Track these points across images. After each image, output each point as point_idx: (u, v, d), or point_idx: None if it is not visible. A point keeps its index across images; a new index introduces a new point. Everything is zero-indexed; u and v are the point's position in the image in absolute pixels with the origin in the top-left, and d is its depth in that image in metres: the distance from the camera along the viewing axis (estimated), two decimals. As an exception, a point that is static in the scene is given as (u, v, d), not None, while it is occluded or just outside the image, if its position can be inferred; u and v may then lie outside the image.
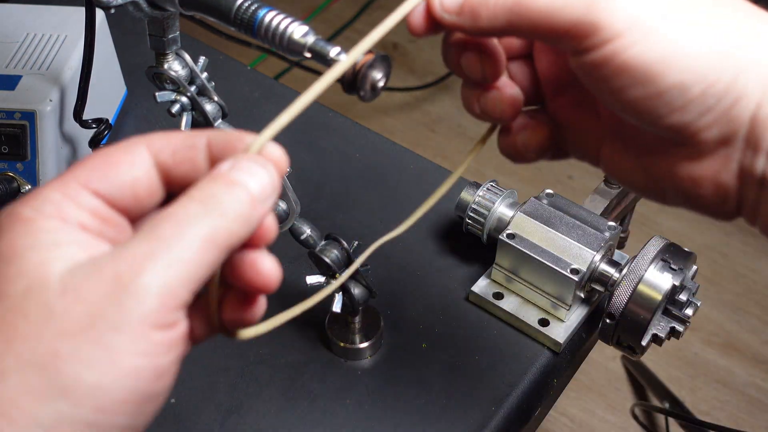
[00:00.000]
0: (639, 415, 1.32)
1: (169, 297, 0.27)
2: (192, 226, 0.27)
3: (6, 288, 0.27)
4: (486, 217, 0.59)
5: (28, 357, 0.26)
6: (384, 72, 0.38)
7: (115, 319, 0.26)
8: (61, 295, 0.27)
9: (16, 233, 0.28)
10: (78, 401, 0.26)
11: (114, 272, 0.27)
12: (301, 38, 0.39)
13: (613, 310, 0.53)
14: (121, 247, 0.27)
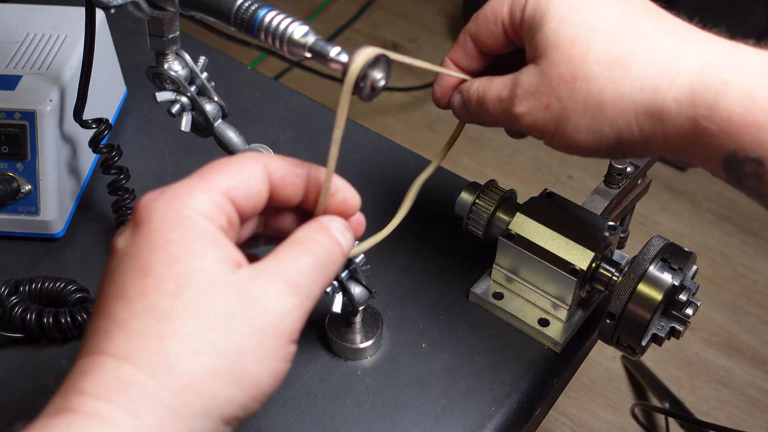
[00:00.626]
0: (639, 415, 1.32)
1: (303, 322, 0.35)
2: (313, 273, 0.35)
3: (171, 273, 0.32)
4: (486, 217, 0.59)
5: (219, 345, 0.31)
6: (384, 72, 0.38)
7: (279, 330, 0.33)
8: (237, 296, 0.32)
9: (178, 227, 0.33)
10: (244, 389, 0.32)
11: (283, 290, 0.34)
12: (301, 38, 0.39)
13: (613, 310, 0.53)
14: (277, 267, 0.34)
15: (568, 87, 0.40)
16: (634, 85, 0.38)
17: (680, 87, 0.37)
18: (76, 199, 0.67)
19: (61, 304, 0.59)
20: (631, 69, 0.39)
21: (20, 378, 0.56)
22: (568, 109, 0.41)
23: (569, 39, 0.41)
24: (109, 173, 0.62)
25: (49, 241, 0.65)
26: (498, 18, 0.45)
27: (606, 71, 0.39)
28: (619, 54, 0.39)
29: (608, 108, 0.39)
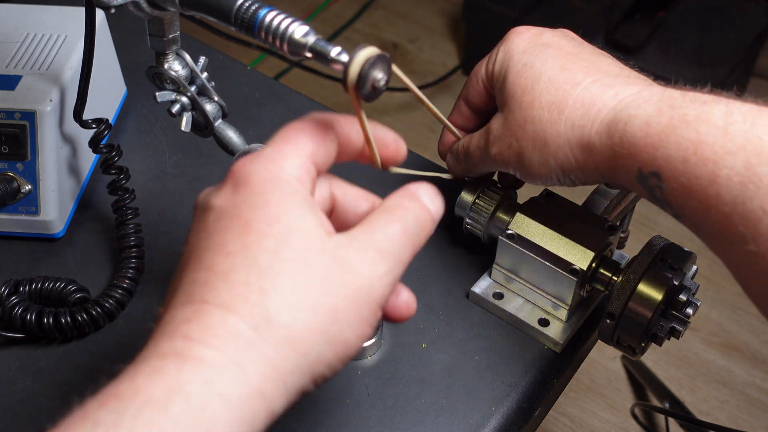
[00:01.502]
0: (639, 415, 1.32)
1: (392, 288, 0.36)
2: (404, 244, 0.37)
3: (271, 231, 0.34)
4: (486, 216, 0.59)
5: (316, 304, 0.33)
6: (385, 72, 0.38)
7: (370, 296, 0.35)
8: (332, 259, 0.34)
9: (276, 189, 0.35)
10: (335, 349, 0.34)
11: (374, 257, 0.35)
12: (301, 38, 0.39)
13: (613, 310, 0.53)
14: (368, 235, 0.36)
15: (522, 129, 0.49)
16: (566, 125, 0.47)
17: (600, 123, 0.45)
18: (76, 199, 0.67)
19: (61, 304, 0.59)
20: (564, 112, 0.47)
21: (20, 378, 0.56)
22: (523, 147, 0.49)
23: (521, 89, 0.50)
24: (109, 173, 0.62)
25: (49, 241, 0.65)
26: (479, 77, 0.55)
27: (546, 114, 0.48)
28: (556, 99, 0.48)
29: (550, 144, 0.48)
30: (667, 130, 0.41)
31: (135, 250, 0.62)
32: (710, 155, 0.39)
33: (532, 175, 0.50)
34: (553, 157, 0.48)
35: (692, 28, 1.71)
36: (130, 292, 0.60)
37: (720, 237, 0.39)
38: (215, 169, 0.71)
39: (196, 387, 0.30)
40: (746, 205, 0.37)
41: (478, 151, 0.54)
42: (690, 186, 0.40)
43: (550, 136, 0.47)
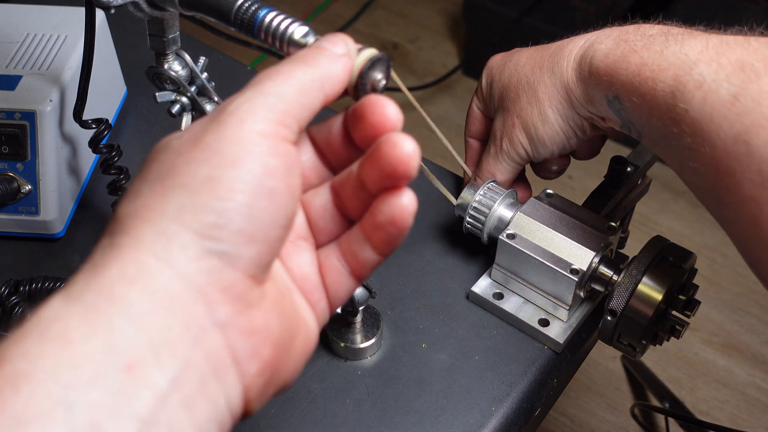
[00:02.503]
0: (639, 415, 1.32)
1: (273, 116, 0.34)
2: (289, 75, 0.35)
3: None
4: (486, 217, 0.59)
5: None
6: (384, 72, 0.38)
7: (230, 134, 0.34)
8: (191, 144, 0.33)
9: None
10: (195, 193, 0.31)
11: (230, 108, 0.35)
12: (301, 39, 0.39)
13: (615, 306, 0.53)
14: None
15: (518, 103, 0.57)
16: (548, 74, 0.55)
17: (573, 61, 0.54)
18: (76, 199, 0.67)
19: (61, 304, 0.59)
20: (543, 66, 0.56)
21: (20, 378, 0.56)
22: (524, 117, 0.57)
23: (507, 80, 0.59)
24: (109, 173, 0.62)
25: (49, 241, 0.65)
26: (473, 107, 0.64)
27: (531, 77, 0.56)
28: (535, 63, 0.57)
29: (541, 97, 0.55)
30: (620, 59, 0.49)
31: (135, 250, 0.61)
32: (649, 74, 0.46)
33: (540, 139, 0.57)
34: (549, 107, 0.55)
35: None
36: (130, 292, 0.60)
37: (665, 142, 0.46)
38: (215, 169, 0.71)
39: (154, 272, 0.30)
40: (676, 109, 0.44)
41: (490, 159, 0.61)
42: (639, 103, 0.47)
43: (540, 89, 0.55)
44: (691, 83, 0.43)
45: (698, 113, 0.42)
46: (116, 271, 0.30)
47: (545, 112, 0.56)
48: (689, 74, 0.44)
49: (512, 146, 0.58)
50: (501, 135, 0.59)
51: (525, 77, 0.57)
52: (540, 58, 0.56)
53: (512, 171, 0.61)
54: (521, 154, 0.59)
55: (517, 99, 0.57)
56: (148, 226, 0.31)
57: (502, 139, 0.59)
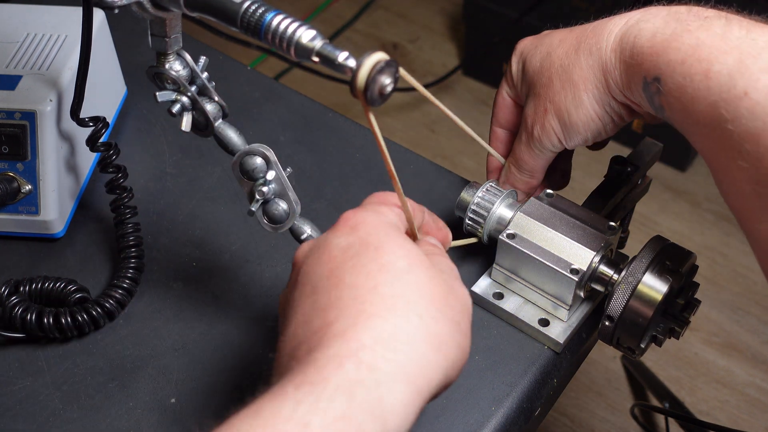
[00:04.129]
0: (639, 415, 1.32)
1: None
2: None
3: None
4: (486, 217, 0.59)
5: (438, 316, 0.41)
6: (392, 77, 0.38)
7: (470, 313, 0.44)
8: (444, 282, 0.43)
9: (389, 229, 0.43)
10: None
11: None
12: (309, 42, 0.39)
13: (612, 312, 0.53)
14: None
15: (550, 88, 0.55)
16: (584, 55, 0.52)
17: (613, 41, 0.51)
18: (76, 199, 0.67)
19: (61, 304, 0.59)
20: (580, 47, 0.53)
21: (20, 378, 0.56)
22: (557, 102, 0.54)
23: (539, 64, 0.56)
24: (107, 172, 0.62)
25: (49, 241, 0.65)
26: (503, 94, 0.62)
27: (566, 60, 0.54)
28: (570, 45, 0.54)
29: (576, 80, 0.53)
30: (670, 39, 0.46)
31: (134, 249, 0.62)
32: (706, 55, 0.44)
33: (573, 125, 0.54)
34: (584, 92, 0.53)
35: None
36: (130, 292, 0.60)
37: (703, 126, 0.45)
38: (215, 169, 0.71)
39: (372, 382, 0.36)
40: (731, 91, 0.42)
41: (522, 147, 0.58)
42: (684, 83, 0.45)
43: (575, 73, 0.53)
44: (756, 67, 0.42)
45: (763, 96, 0.41)
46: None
47: (580, 96, 0.53)
48: (755, 59, 0.42)
49: (544, 133, 0.56)
50: (532, 122, 0.56)
51: (558, 60, 0.54)
52: (575, 39, 0.54)
53: (545, 159, 0.59)
54: (553, 141, 0.56)
55: (550, 83, 0.54)
56: None
57: (533, 126, 0.56)
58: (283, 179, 0.50)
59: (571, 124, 0.54)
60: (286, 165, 0.51)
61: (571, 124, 0.54)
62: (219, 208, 0.68)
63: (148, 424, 0.54)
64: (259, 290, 0.62)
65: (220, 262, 0.64)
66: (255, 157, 0.50)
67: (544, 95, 0.55)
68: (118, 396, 0.55)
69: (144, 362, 0.57)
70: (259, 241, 0.65)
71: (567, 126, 0.55)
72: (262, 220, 0.51)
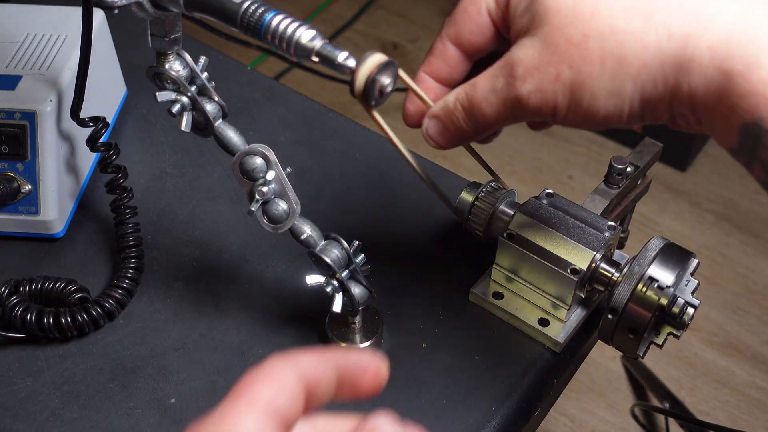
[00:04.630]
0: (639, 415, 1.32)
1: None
2: None
3: None
4: (486, 217, 0.59)
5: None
6: (392, 77, 0.38)
7: None
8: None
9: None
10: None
11: None
12: (308, 42, 0.39)
13: (615, 305, 0.53)
14: None
15: (580, 49, 0.36)
16: (660, 33, 0.34)
17: (716, 34, 0.33)
18: (76, 199, 0.67)
19: (61, 304, 0.59)
20: (653, 17, 0.35)
21: (20, 378, 0.56)
22: (583, 74, 0.36)
23: (569, 12, 0.37)
24: (107, 172, 0.62)
25: (49, 241, 0.65)
26: (481, 8, 0.41)
27: (623, 23, 0.35)
28: (636, 2, 0.35)
29: (631, 63, 0.35)
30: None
31: (134, 249, 0.62)
32: None
33: (591, 113, 0.38)
34: (633, 80, 0.36)
35: None
36: (130, 292, 0.60)
37: None
38: (215, 169, 0.71)
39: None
40: None
41: (494, 97, 0.40)
42: None
43: (632, 51, 0.35)
44: None
45: None
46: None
47: (623, 88, 0.36)
48: None
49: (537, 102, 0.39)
50: (525, 75, 0.38)
51: (609, 17, 0.36)
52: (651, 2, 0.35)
53: (510, 121, 0.41)
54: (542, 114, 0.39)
55: (584, 44, 0.36)
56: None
57: (525, 80, 0.38)
58: (283, 179, 0.50)
59: (590, 111, 0.38)
60: (286, 165, 0.51)
61: (590, 111, 0.38)
62: (219, 208, 0.68)
63: (148, 424, 0.54)
64: (259, 290, 0.62)
65: (220, 262, 0.64)
66: (255, 157, 0.50)
67: (567, 51, 0.37)
68: (118, 396, 0.55)
69: (144, 362, 0.57)
70: (259, 241, 0.65)
71: (581, 109, 0.38)
72: (262, 220, 0.51)
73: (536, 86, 0.38)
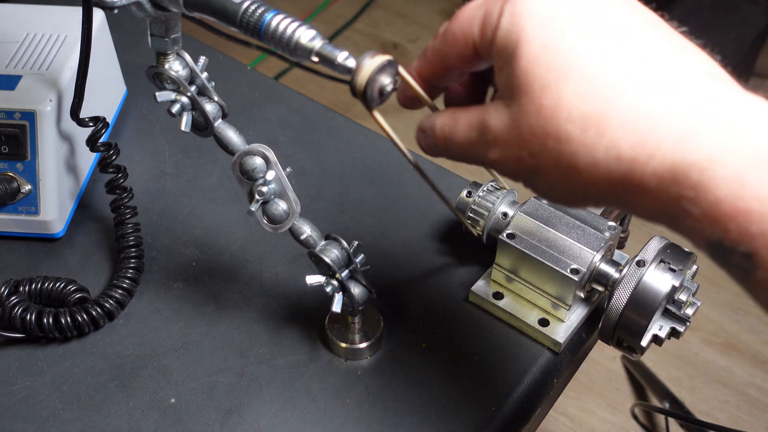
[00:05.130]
0: (639, 415, 1.32)
1: None
2: None
3: None
4: (486, 216, 0.59)
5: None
6: (392, 78, 0.38)
7: None
8: None
9: None
10: None
11: None
12: (308, 43, 0.39)
13: (613, 310, 0.53)
14: None
15: (540, 144, 0.35)
16: (609, 153, 0.33)
17: (661, 161, 0.31)
18: (76, 199, 0.67)
19: (61, 304, 0.59)
20: (606, 134, 0.33)
21: (20, 378, 0.56)
22: (541, 168, 0.36)
23: (540, 86, 0.34)
24: (107, 172, 0.62)
25: (49, 241, 0.65)
26: (469, 39, 0.39)
27: (579, 132, 0.33)
28: (593, 113, 0.33)
29: (582, 174, 0.34)
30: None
31: (134, 249, 0.62)
32: None
33: (549, 198, 0.38)
34: (585, 188, 0.35)
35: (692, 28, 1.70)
36: (129, 292, 0.60)
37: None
38: (215, 169, 0.71)
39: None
40: None
41: (467, 144, 0.40)
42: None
43: (584, 164, 0.34)
44: None
45: None
46: None
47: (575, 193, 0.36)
48: None
49: (503, 171, 0.39)
50: (494, 143, 0.38)
51: (569, 124, 0.34)
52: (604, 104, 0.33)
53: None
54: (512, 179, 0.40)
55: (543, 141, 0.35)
56: None
57: (493, 147, 0.38)
58: (282, 179, 0.50)
59: (548, 198, 0.38)
60: (286, 165, 0.51)
61: (548, 198, 0.38)
62: (219, 208, 0.68)
63: (148, 424, 0.54)
64: (259, 290, 0.62)
65: (220, 262, 0.64)
66: (255, 157, 0.50)
67: (530, 141, 0.36)
68: (118, 396, 0.55)
69: (144, 362, 0.57)
70: (259, 241, 0.65)
71: (542, 194, 0.38)
72: (262, 220, 0.51)
73: (502, 157, 0.38)
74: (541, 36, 0.35)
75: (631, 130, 0.32)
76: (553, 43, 0.34)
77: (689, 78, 0.33)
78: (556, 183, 0.36)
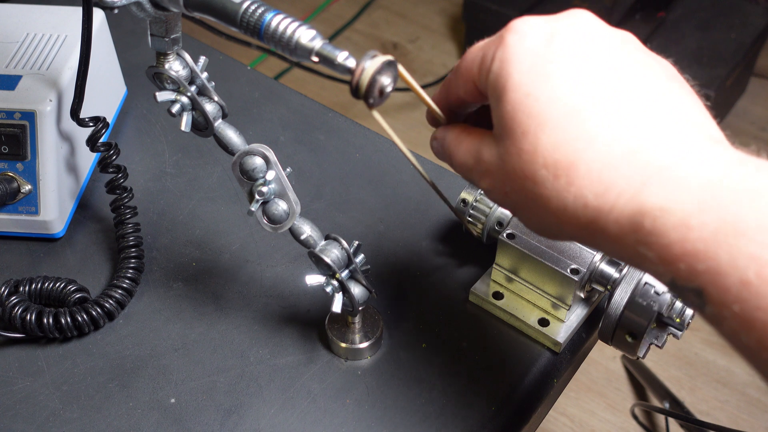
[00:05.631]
0: (639, 415, 1.32)
1: None
2: None
3: None
4: (486, 216, 0.59)
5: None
6: (392, 78, 0.38)
7: None
8: None
9: None
10: None
11: None
12: (308, 43, 0.39)
13: (613, 310, 0.53)
14: None
15: (520, 183, 0.38)
16: (577, 201, 0.36)
17: (621, 211, 0.34)
18: (76, 199, 0.67)
19: (61, 304, 0.59)
20: (575, 183, 0.36)
21: (20, 378, 0.56)
22: (522, 205, 0.39)
23: (521, 131, 0.37)
24: (107, 172, 0.62)
25: (49, 241, 0.65)
26: (470, 78, 0.42)
27: (551, 178, 0.36)
28: (564, 161, 0.36)
29: (553, 215, 0.37)
30: (716, 238, 0.31)
31: (134, 249, 0.62)
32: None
33: (531, 230, 0.41)
34: (557, 228, 0.38)
35: (692, 27, 1.71)
36: (129, 292, 0.60)
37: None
38: (215, 169, 0.71)
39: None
40: None
41: (464, 168, 0.44)
42: (748, 317, 0.30)
43: (555, 208, 0.37)
44: None
45: None
46: None
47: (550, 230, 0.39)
48: None
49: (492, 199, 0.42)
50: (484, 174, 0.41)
51: (543, 169, 0.37)
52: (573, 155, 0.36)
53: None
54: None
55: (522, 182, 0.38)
56: None
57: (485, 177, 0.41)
58: (282, 179, 0.50)
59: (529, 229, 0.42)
60: (286, 165, 0.51)
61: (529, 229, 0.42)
62: (219, 208, 0.68)
63: (148, 424, 0.54)
64: (259, 290, 0.62)
65: (220, 262, 0.64)
66: (255, 157, 0.50)
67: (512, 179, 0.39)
68: (118, 396, 0.55)
69: (144, 362, 0.57)
70: (259, 241, 0.65)
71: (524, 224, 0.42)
72: (262, 220, 0.51)
73: (491, 187, 0.41)
74: (525, 83, 0.37)
75: (596, 180, 0.35)
76: (535, 92, 0.37)
77: (651, 130, 0.35)
78: (534, 218, 0.39)
